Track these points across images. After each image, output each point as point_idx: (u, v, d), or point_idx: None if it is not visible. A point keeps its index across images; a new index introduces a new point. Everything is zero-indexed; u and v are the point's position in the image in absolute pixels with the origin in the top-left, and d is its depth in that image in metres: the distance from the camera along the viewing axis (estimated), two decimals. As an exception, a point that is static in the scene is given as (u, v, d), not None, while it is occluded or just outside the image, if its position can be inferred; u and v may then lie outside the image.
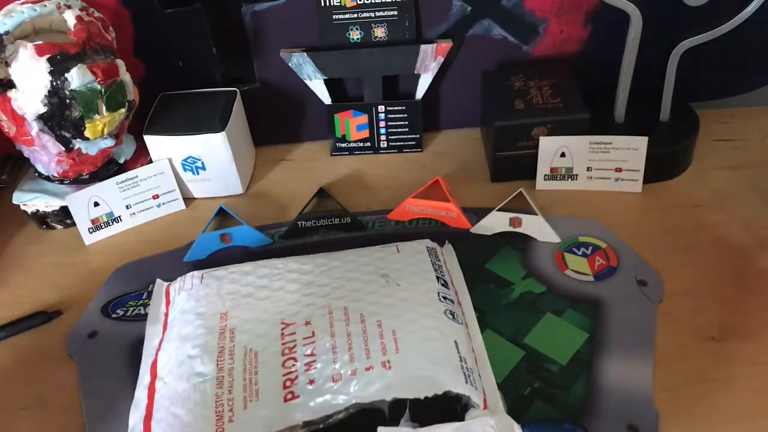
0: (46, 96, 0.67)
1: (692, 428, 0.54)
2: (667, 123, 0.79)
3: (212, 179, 0.79)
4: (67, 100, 0.68)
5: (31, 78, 0.67)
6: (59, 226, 0.79)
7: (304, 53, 0.81)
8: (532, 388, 0.57)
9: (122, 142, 0.78)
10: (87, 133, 0.70)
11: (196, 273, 0.63)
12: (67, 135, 0.71)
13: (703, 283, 0.65)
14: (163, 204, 0.79)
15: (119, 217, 0.77)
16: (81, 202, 0.75)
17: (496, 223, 0.72)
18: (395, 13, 0.79)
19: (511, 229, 0.72)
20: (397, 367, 0.52)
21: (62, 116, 0.69)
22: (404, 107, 0.84)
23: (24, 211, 0.78)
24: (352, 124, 0.85)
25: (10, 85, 0.68)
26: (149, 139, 0.77)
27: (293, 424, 0.49)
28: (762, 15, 0.70)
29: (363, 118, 0.85)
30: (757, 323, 0.62)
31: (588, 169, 0.75)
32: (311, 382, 0.51)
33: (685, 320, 0.62)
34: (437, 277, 0.60)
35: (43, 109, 0.68)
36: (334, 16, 0.80)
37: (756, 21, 0.70)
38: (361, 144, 0.86)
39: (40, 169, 0.76)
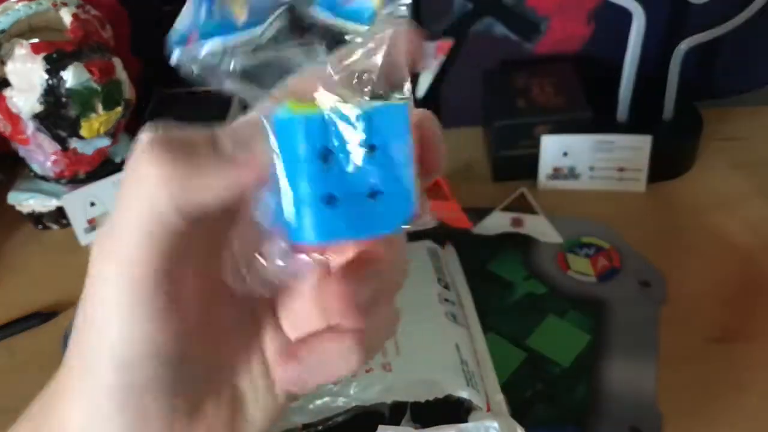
0: (42, 95, 0.67)
1: (696, 430, 0.54)
2: (670, 122, 0.78)
3: (210, 179, 0.79)
4: (63, 99, 0.67)
5: (27, 76, 0.66)
6: (55, 227, 0.78)
7: (303, 51, 0.80)
8: (534, 391, 0.57)
9: (119, 141, 0.77)
10: (83, 132, 0.70)
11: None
12: (63, 134, 0.70)
13: (707, 284, 0.65)
14: (161, 204, 0.78)
15: (116, 217, 0.76)
16: (77, 202, 0.74)
17: (497, 223, 0.72)
18: (395, 10, 0.78)
19: (512, 229, 0.71)
20: (397, 369, 0.51)
21: (58, 115, 0.68)
22: (404, 106, 0.83)
23: (19, 211, 0.77)
24: (351, 123, 0.85)
25: (5, 83, 0.67)
26: (146, 138, 0.76)
27: (292, 427, 0.49)
28: None
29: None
30: (761, 324, 0.61)
31: (591, 168, 0.75)
32: (310, 384, 0.50)
33: (689, 322, 0.61)
34: (438, 279, 0.60)
35: (38, 108, 0.67)
36: (333, 14, 0.79)
37: (762, 18, 0.70)
38: (361, 143, 0.86)
39: (36, 168, 0.75)
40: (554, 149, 0.74)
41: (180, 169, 0.22)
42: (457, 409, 0.50)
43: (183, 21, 0.24)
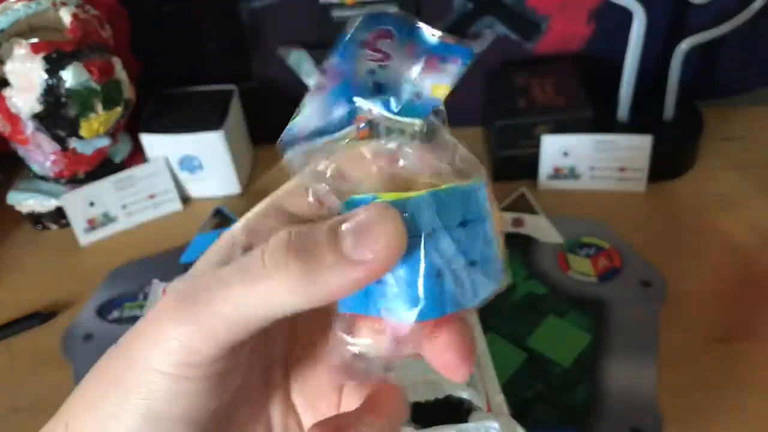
0: (41, 94, 0.66)
1: (696, 431, 0.53)
2: (670, 122, 0.78)
3: (209, 178, 0.78)
4: (63, 99, 0.67)
5: (27, 76, 0.66)
6: (54, 227, 0.78)
7: (303, 51, 0.80)
8: (535, 391, 0.57)
9: (118, 141, 0.77)
10: (82, 132, 0.69)
11: (193, 274, 0.62)
12: (63, 134, 0.70)
13: (708, 284, 0.64)
14: (160, 204, 0.78)
15: (115, 217, 0.76)
16: (76, 202, 0.74)
17: (497, 223, 0.71)
18: (395, 10, 0.78)
19: (512, 229, 0.71)
20: (396, 370, 0.51)
21: (57, 115, 0.68)
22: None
23: (18, 211, 0.77)
24: (351, 123, 0.85)
25: (4, 83, 0.67)
26: (145, 138, 0.76)
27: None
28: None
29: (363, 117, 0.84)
30: (762, 324, 0.61)
31: (591, 168, 0.75)
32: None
33: (690, 322, 0.61)
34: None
35: (38, 108, 0.67)
36: (333, 14, 0.79)
37: (762, 18, 0.70)
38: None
39: (36, 168, 0.75)
40: (554, 149, 0.74)
41: (304, 277, 0.22)
42: (457, 410, 0.50)
43: (301, 123, 0.25)
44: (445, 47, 0.25)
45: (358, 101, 0.26)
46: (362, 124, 0.26)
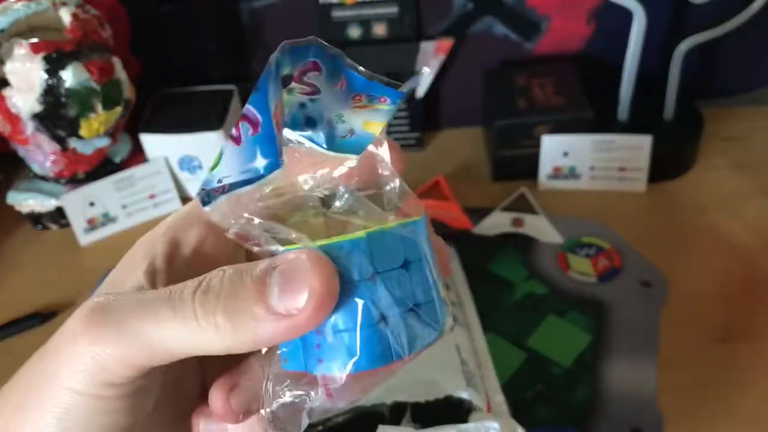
0: (41, 94, 0.66)
1: (696, 431, 0.53)
2: (670, 122, 0.78)
3: (210, 179, 0.78)
4: (63, 99, 0.67)
5: (27, 76, 0.66)
6: (54, 227, 0.78)
7: (303, 51, 0.80)
8: (535, 391, 0.57)
9: (118, 141, 0.77)
10: (82, 132, 0.69)
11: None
12: (63, 134, 0.70)
13: (708, 284, 0.64)
14: (160, 204, 0.78)
15: (115, 217, 0.76)
16: (76, 202, 0.74)
17: (497, 223, 0.71)
18: (396, 10, 0.78)
19: (513, 229, 0.71)
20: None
21: (57, 115, 0.68)
22: (405, 105, 0.83)
23: (18, 211, 0.77)
24: (351, 123, 0.84)
25: (4, 83, 0.67)
26: (145, 138, 0.76)
27: (291, 428, 0.48)
28: None
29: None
30: (762, 324, 0.61)
31: (591, 168, 0.75)
32: (310, 385, 0.50)
33: (690, 322, 0.61)
34: (438, 279, 0.59)
35: (38, 108, 0.67)
36: (333, 14, 0.79)
37: (762, 18, 0.70)
38: (361, 143, 0.85)
39: (35, 168, 0.75)
40: (554, 149, 0.74)
41: (230, 329, 0.22)
42: (457, 410, 0.50)
43: (220, 175, 0.23)
44: (373, 86, 0.24)
45: (289, 134, 0.24)
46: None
